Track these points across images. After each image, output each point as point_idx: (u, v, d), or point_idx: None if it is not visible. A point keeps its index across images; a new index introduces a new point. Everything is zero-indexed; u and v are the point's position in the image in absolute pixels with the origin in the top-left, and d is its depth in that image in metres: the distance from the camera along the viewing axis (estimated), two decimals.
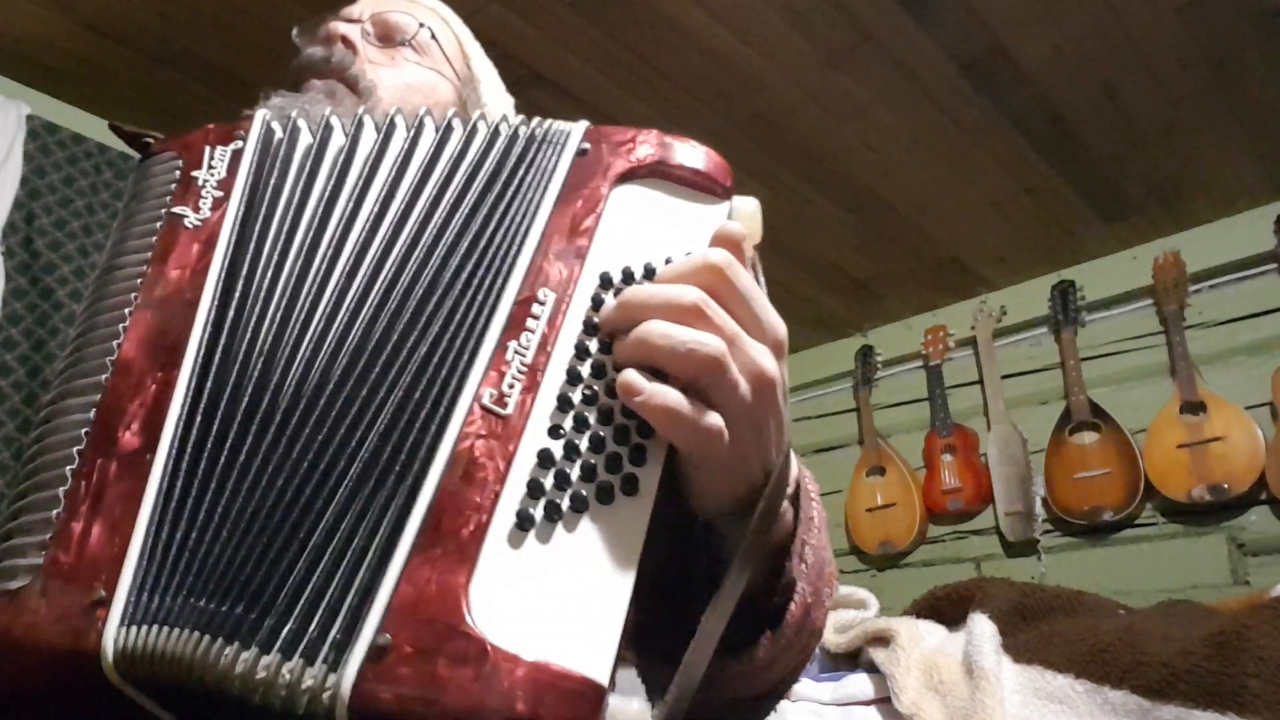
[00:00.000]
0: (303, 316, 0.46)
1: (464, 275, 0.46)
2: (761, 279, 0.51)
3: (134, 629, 0.40)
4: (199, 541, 0.42)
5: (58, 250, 2.03)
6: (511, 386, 0.42)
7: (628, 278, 0.46)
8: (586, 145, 0.50)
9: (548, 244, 0.46)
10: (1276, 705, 1.10)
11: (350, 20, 0.80)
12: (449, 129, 0.52)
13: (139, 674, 0.40)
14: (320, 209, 0.50)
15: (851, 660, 1.61)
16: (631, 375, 0.41)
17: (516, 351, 0.43)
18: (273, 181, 0.51)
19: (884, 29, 1.92)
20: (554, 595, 0.37)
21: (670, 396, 0.41)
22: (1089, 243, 2.73)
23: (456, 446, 0.40)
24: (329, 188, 0.50)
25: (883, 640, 1.51)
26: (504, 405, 0.41)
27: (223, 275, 0.48)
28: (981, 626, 1.43)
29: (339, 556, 0.40)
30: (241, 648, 0.38)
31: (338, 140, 0.53)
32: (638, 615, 0.46)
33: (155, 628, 0.40)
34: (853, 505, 3.01)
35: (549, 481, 0.40)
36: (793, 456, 0.53)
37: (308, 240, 0.49)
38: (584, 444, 0.41)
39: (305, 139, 0.53)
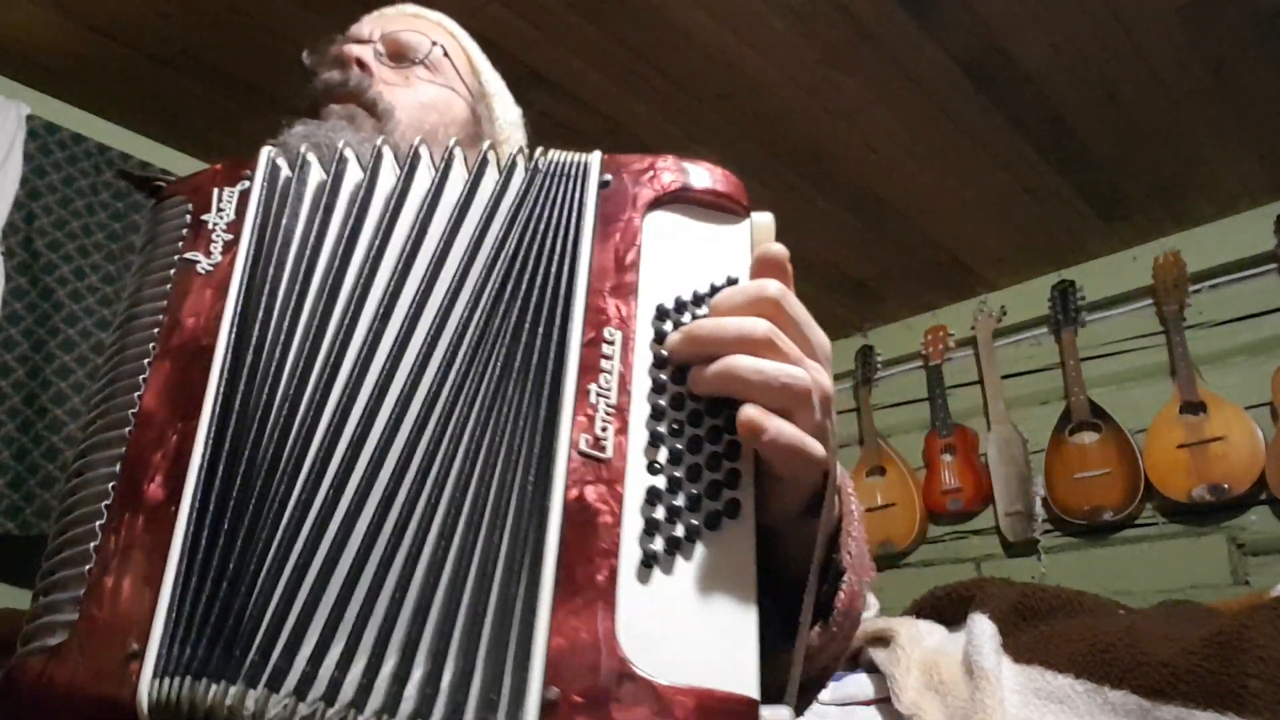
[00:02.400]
0: (331, 362, 0.46)
1: (518, 319, 0.46)
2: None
3: (167, 680, 0.41)
4: (233, 590, 0.42)
5: (58, 250, 2.03)
6: (605, 429, 0.42)
7: (680, 308, 0.47)
8: (608, 177, 0.50)
9: (599, 282, 0.47)
10: (1277, 705, 1.10)
11: (361, 41, 0.81)
12: (483, 165, 0.52)
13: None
14: (340, 249, 0.49)
15: (851, 660, 1.61)
16: (754, 413, 0.43)
17: (599, 394, 0.43)
18: (283, 222, 0.50)
19: (884, 29, 1.92)
20: (695, 624, 0.39)
21: (790, 432, 0.43)
22: (1089, 243, 2.73)
23: (567, 495, 0.41)
24: (348, 227, 0.50)
25: (883, 640, 1.51)
26: (602, 450, 0.42)
27: (236, 320, 0.48)
28: (981, 626, 1.43)
29: (468, 614, 0.40)
30: (330, 705, 0.38)
31: (353, 175, 0.52)
32: None
33: (189, 679, 0.41)
34: None
35: (661, 515, 0.41)
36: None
37: (328, 283, 0.49)
38: (683, 475, 0.42)
39: (317, 175, 0.52)
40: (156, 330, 0.48)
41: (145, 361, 0.47)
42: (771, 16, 1.88)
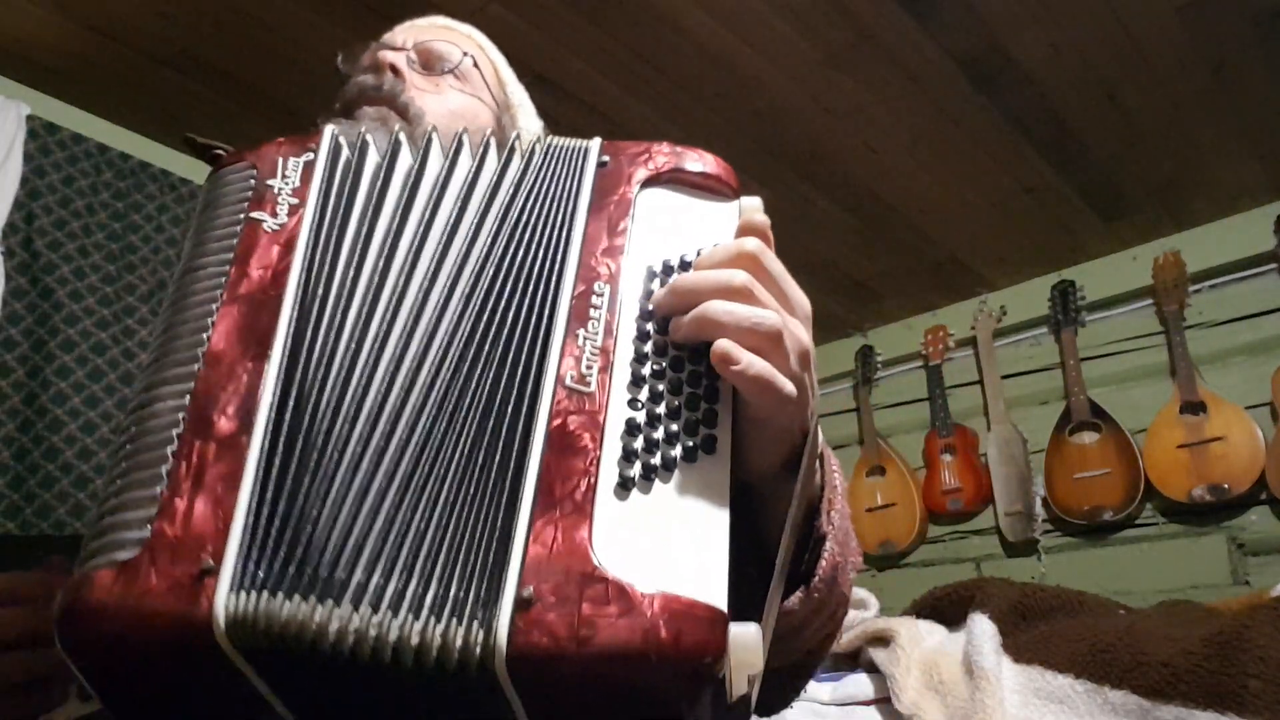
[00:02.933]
0: (389, 316, 0.50)
1: (525, 279, 0.51)
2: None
3: (244, 595, 0.42)
4: (302, 516, 0.44)
5: (58, 250, 2.03)
6: (590, 367, 0.47)
7: (668, 269, 0.52)
8: (606, 158, 0.56)
9: (593, 245, 0.52)
10: (1276, 705, 1.10)
11: (395, 49, 0.84)
12: (511, 153, 0.57)
13: (251, 641, 0.42)
14: (395, 222, 0.54)
15: (851, 660, 1.61)
16: (728, 345, 0.46)
17: (586, 337, 0.48)
18: (345, 192, 0.55)
19: (884, 29, 1.92)
20: (668, 538, 0.42)
21: (761, 365, 0.47)
22: (1089, 243, 2.73)
23: (550, 423, 0.45)
24: (402, 202, 0.55)
25: (883, 640, 1.51)
26: (586, 384, 0.46)
27: (303, 275, 0.51)
28: (981, 626, 1.43)
29: (467, 529, 0.43)
30: (375, 612, 0.41)
31: (405, 159, 0.57)
32: None
33: (265, 594, 0.42)
34: (853, 505, 2.99)
35: (639, 445, 0.44)
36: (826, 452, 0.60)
37: (385, 249, 0.53)
38: (662, 412, 0.46)
39: (374, 156, 0.57)
40: (223, 279, 0.51)
41: (213, 306, 0.50)
42: (771, 16, 1.88)
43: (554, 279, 0.51)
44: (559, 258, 0.51)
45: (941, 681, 1.35)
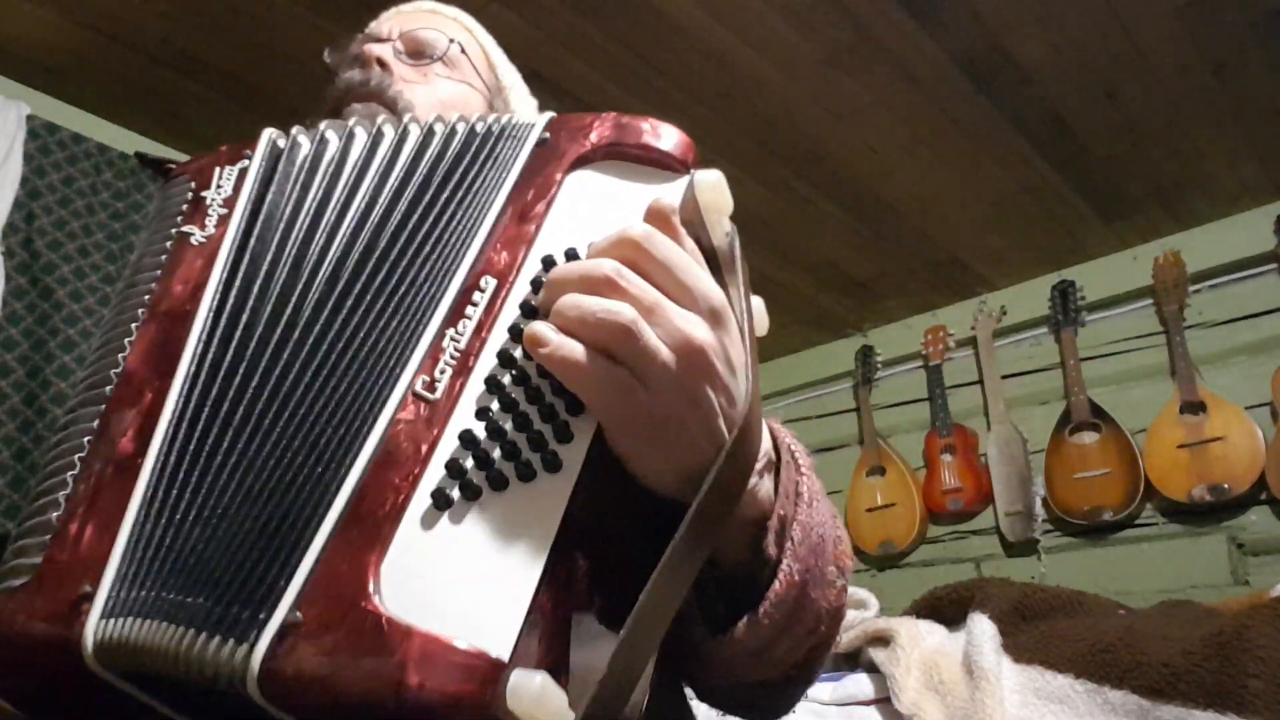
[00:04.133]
0: (284, 322, 0.48)
1: (414, 271, 0.47)
2: (738, 254, 0.50)
3: (113, 621, 0.42)
4: (175, 537, 0.44)
5: (58, 250, 2.03)
6: (443, 372, 0.43)
7: (571, 258, 0.46)
8: (547, 135, 0.52)
9: (498, 233, 0.48)
10: (1276, 705, 1.10)
11: (380, 40, 0.82)
12: (430, 133, 0.54)
13: (118, 663, 0.42)
14: (310, 218, 0.52)
15: (851, 660, 1.61)
16: (539, 327, 0.41)
17: (452, 339, 0.44)
18: (270, 195, 0.53)
19: (884, 29, 1.92)
20: (459, 574, 0.38)
21: (575, 348, 0.41)
22: (1089, 243, 2.73)
23: (386, 434, 0.42)
24: (319, 196, 0.52)
25: (883, 640, 1.51)
26: (433, 390, 0.43)
27: (220, 286, 0.50)
28: (981, 626, 1.43)
29: (270, 543, 0.41)
30: (185, 631, 0.41)
31: (331, 150, 0.55)
32: (608, 599, 0.47)
33: (131, 620, 0.42)
34: (853, 505, 3.01)
35: (469, 462, 0.41)
36: (770, 432, 0.53)
37: (295, 250, 0.51)
38: (509, 425, 0.42)
39: (303, 150, 0.55)
40: (148, 298, 0.51)
41: (133, 326, 0.50)
42: (771, 16, 1.88)
43: (447, 273, 0.47)
44: (460, 249, 0.48)
45: (941, 681, 1.35)
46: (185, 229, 0.53)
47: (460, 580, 0.38)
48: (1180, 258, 2.56)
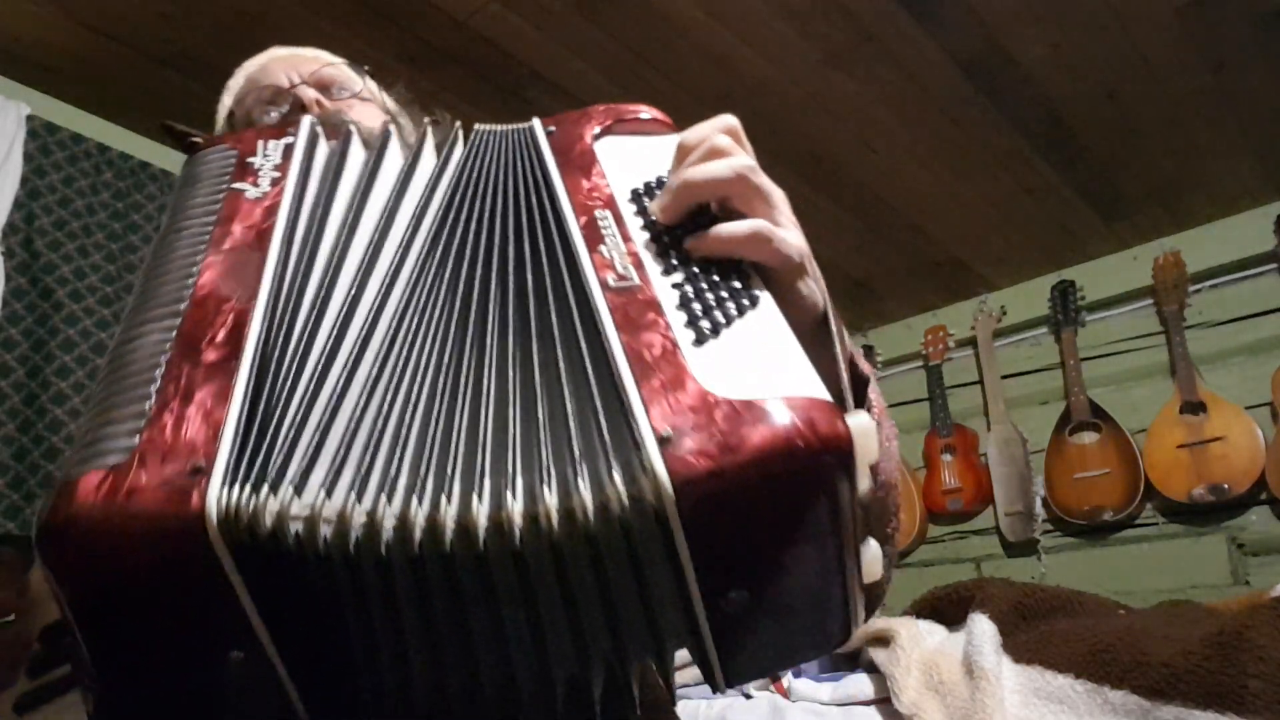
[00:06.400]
0: (366, 264, 0.52)
1: (518, 227, 0.54)
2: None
3: (235, 490, 0.40)
4: (293, 422, 0.44)
5: (58, 250, 2.03)
6: (626, 268, 0.49)
7: (648, 189, 0.55)
8: (551, 128, 0.60)
9: (576, 189, 0.55)
10: (1276, 705, 1.10)
11: (284, 88, 0.87)
12: (454, 142, 0.61)
13: (243, 537, 0.40)
14: (362, 196, 0.56)
15: (851, 660, 1.60)
16: (718, 227, 0.50)
17: (609, 249, 0.51)
18: (327, 172, 0.57)
19: (884, 29, 1.92)
20: (761, 361, 0.44)
21: (741, 224, 0.50)
22: (1089, 243, 2.73)
23: (613, 315, 0.46)
24: (373, 181, 0.57)
25: (883, 640, 1.51)
26: (628, 279, 0.49)
27: (287, 232, 0.53)
28: (981, 626, 1.42)
29: (570, 413, 0.43)
30: (447, 494, 0.40)
31: (394, 149, 0.60)
32: None
33: (259, 490, 0.40)
34: None
35: (698, 309, 0.47)
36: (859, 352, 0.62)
37: (360, 217, 0.55)
38: (704, 285, 0.49)
39: (357, 143, 0.60)
40: (206, 238, 0.53)
41: (197, 258, 0.52)
42: (771, 16, 1.88)
43: (554, 220, 0.53)
44: (550, 204, 0.54)
45: (941, 681, 1.35)
46: (237, 186, 0.55)
47: (763, 366, 0.44)
48: (1180, 258, 2.56)
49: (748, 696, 0.76)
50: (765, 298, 0.49)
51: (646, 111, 0.62)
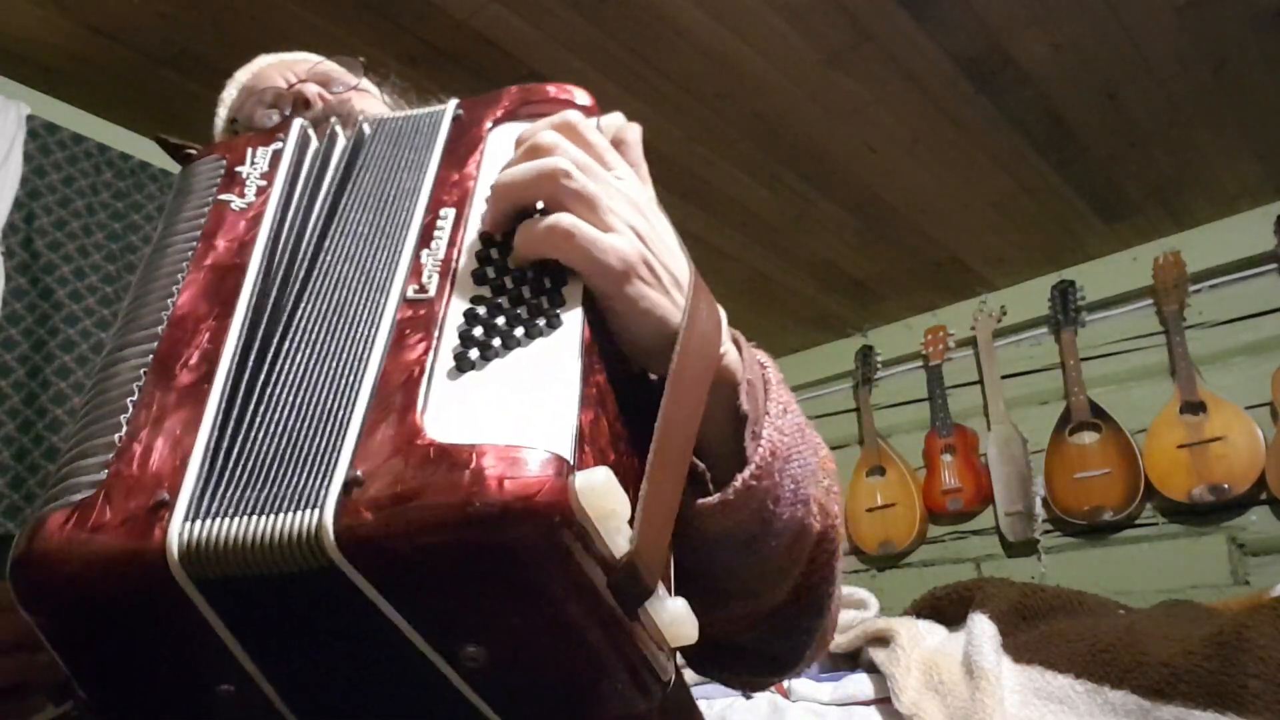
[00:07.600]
0: (316, 270, 0.53)
1: (386, 224, 0.54)
2: (648, 181, 0.58)
3: (197, 523, 0.40)
4: (246, 444, 0.44)
5: (58, 250, 2.03)
6: (430, 278, 0.48)
7: None
8: (460, 112, 0.59)
9: (443, 183, 0.55)
10: (1276, 705, 1.10)
11: (285, 86, 0.88)
12: (379, 125, 0.62)
13: (204, 570, 0.40)
14: (331, 195, 0.57)
15: (851, 660, 1.61)
16: (520, 226, 0.48)
17: (429, 255, 0.50)
18: (312, 175, 0.57)
19: (884, 29, 1.92)
20: (504, 400, 0.41)
21: (540, 223, 0.47)
22: (1089, 243, 2.73)
23: (394, 327, 0.46)
24: (335, 178, 0.58)
25: (883, 640, 1.51)
26: (425, 292, 0.48)
27: (268, 244, 0.53)
28: (981, 626, 1.43)
29: (320, 428, 0.43)
30: (259, 519, 0.40)
31: (339, 144, 0.60)
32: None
33: (218, 520, 0.41)
34: (853, 505, 3.01)
35: (478, 333, 0.45)
36: (745, 345, 0.58)
37: (322, 217, 0.56)
38: (504, 300, 0.47)
39: (341, 141, 0.60)
40: (190, 253, 0.53)
41: (179, 276, 0.52)
42: (771, 16, 1.88)
43: (407, 215, 0.53)
44: (413, 197, 0.54)
45: (941, 681, 1.35)
46: (223, 197, 0.56)
47: (502, 405, 0.41)
48: (1180, 258, 2.56)
49: (748, 697, 0.77)
50: (570, 320, 0.45)
51: (555, 89, 0.61)
